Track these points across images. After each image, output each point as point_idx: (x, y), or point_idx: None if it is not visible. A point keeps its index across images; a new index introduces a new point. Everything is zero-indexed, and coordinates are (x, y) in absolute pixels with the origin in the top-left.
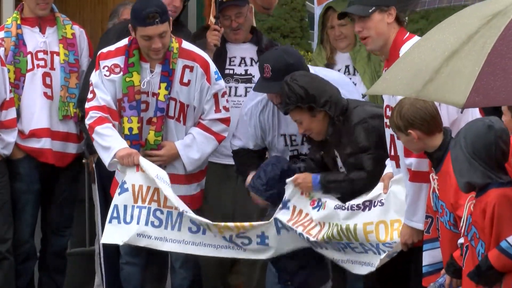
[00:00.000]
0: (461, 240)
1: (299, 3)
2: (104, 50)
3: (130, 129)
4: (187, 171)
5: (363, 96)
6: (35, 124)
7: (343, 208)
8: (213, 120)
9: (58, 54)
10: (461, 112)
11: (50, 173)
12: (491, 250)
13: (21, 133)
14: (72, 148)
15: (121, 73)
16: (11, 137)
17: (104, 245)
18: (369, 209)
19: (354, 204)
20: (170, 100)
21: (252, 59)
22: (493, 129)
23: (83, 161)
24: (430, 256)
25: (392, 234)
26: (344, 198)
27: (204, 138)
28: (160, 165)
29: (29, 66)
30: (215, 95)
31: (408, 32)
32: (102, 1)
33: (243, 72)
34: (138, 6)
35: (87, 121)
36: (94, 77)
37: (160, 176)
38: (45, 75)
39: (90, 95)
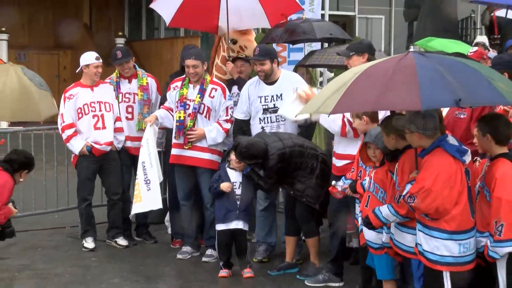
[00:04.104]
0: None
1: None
2: (174, 80)
3: (179, 117)
4: (208, 144)
5: (296, 115)
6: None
7: None
8: (224, 120)
9: (137, 94)
10: (328, 117)
11: (133, 159)
12: (370, 212)
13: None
14: None
15: (178, 89)
16: (122, 136)
17: (169, 193)
18: None
19: None
20: (201, 104)
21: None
22: None
23: (158, 149)
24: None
25: None
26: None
27: (218, 130)
28: (194, 140)
29: (120, 100)
30: (227, 108)
31: None
32: (167, 62)
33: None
34: (185, 51)
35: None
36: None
37: (149, 141)
38: (128, 107)
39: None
